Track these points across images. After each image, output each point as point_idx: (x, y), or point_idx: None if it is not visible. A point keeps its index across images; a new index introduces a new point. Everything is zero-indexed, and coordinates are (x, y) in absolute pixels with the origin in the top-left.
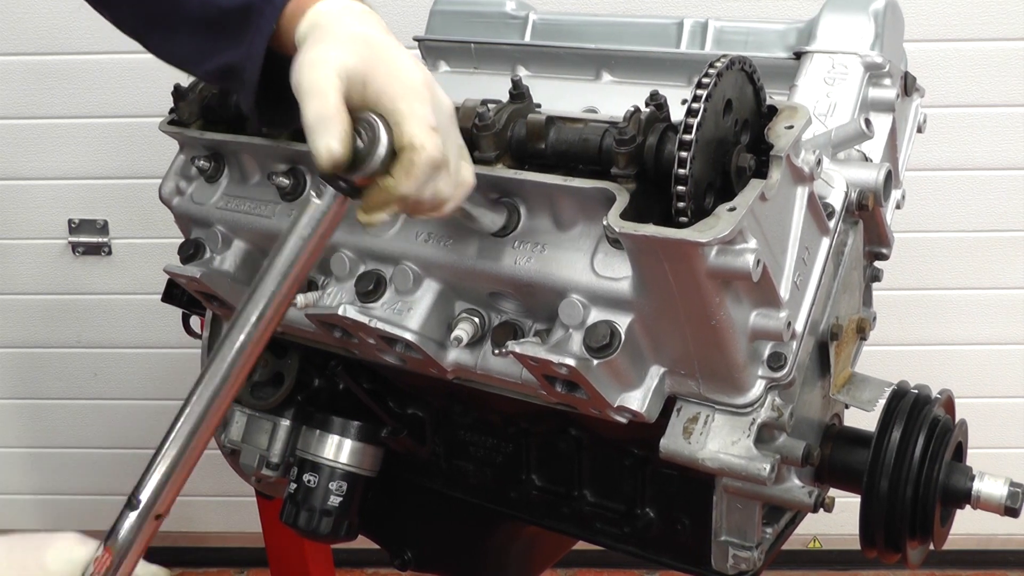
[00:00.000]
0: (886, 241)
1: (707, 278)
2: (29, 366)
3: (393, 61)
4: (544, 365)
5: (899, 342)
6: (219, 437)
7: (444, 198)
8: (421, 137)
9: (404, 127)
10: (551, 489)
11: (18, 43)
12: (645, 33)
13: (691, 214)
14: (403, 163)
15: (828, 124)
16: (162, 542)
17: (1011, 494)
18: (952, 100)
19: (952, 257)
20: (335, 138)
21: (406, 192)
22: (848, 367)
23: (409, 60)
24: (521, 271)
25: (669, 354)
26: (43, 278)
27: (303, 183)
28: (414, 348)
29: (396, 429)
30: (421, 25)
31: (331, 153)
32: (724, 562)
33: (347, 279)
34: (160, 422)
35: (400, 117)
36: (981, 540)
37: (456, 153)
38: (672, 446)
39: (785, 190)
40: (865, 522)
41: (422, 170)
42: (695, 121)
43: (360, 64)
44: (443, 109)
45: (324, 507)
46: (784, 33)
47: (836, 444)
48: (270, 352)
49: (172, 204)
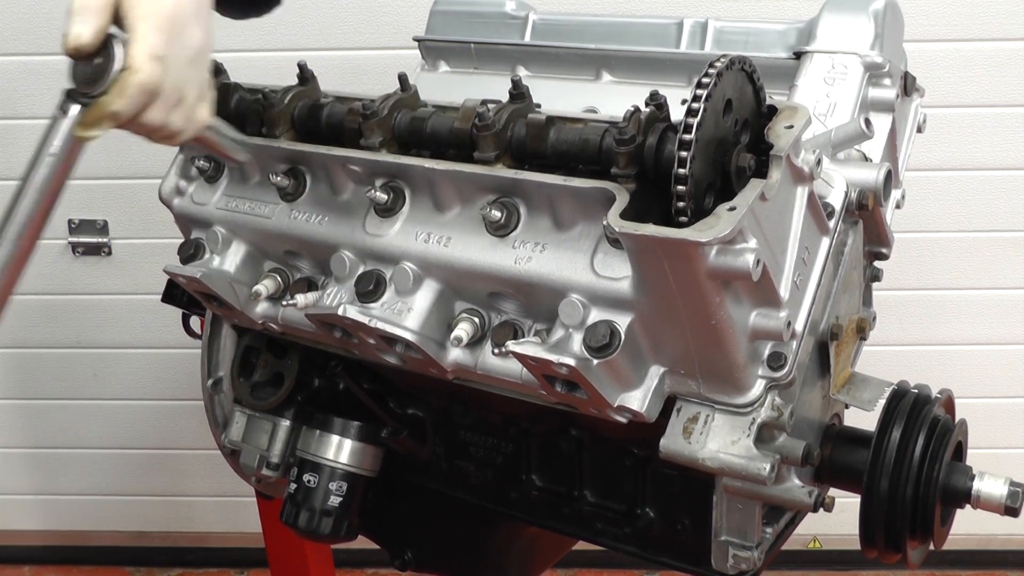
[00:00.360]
0: (886, 241)
1: (707, 278)
2: (29, 366)
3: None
4: (544, 365)
5: (899, 342)
6: (219, 437)
7: (175, 129)
8: (140, 61)
9: (129, 48)
10: (551, 489)
11: (18, 43)
12: (645, 33)
13: (691, 214)
14: (118, 82)
15: (828, 124)
16: (162, 542)
17: (1011, 494)
18: (952, 100)
19: (952, 257)
20: (88, 29)
21: (116, 110)
22: (848, 367)
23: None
24: (521, 271)
25: (669, 354)
26: (43, 278)
27: (303, 183)
28: (414, 348)
29: (396, 429)
30: (421, 25)
31: (78, 39)
32: (724, 562)
33: (347, 279)
34: (160, 423)
35: (131, 38)
36: (981, 540)
37: (195, 90)
38: (672, 446)
39: (785, 190)
40: (865, 522)
41: (131, 92)
42: (695, 121)
43: None
44: (187, 44)
45: (324, 507)
46: (784, 33)
47: (836, 444)
48: (270, 352)
49: (172, 204)
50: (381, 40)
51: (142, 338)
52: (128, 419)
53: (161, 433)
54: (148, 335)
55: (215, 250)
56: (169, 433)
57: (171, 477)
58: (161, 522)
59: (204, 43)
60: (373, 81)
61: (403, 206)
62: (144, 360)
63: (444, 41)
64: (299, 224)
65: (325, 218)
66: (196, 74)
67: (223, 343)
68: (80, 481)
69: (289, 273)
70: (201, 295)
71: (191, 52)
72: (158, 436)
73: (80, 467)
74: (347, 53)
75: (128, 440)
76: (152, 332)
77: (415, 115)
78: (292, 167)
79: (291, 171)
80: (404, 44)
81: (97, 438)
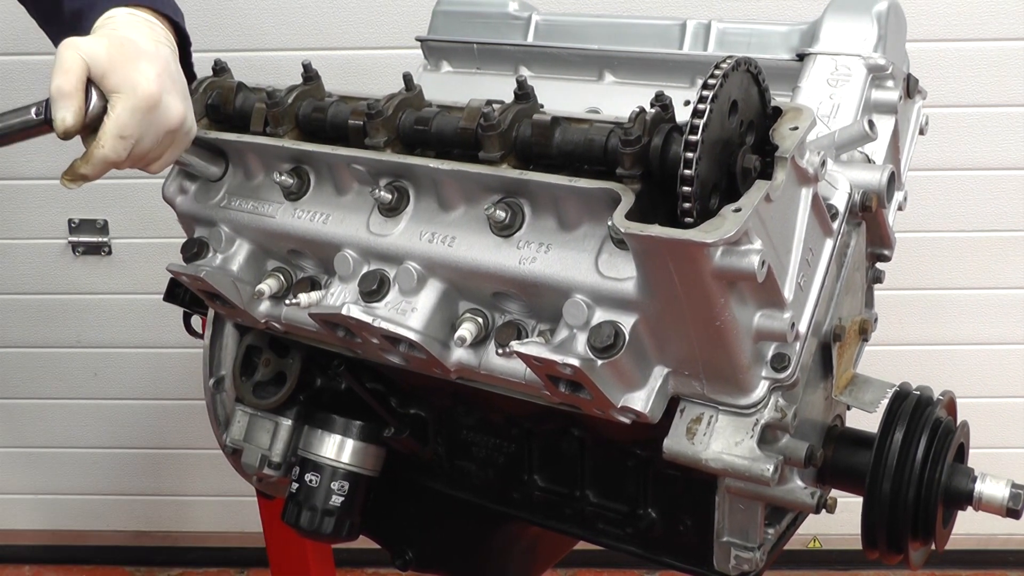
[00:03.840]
0: (888, 243)
1: (712, 279)
2: (29, 366)
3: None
4: (548, 365)
5: (899, 342)
6: (221, 437)
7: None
8: (107, 139)
9: (103, 122)
10: (554, 489)
11: (18, 43)
12: (648, 34)
13: (696, 215)
14: (87, 152)
15: (831, 126)
16: (162, 542)
17: (1013, 495)
18: (952, 100)
19: (952, 257)
20: (71, 113)
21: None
22: (850, 368)
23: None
24: (525, 271)
25: (673, 355)
26: (43, 278)
27: (307, 182)
28: (417, 348)
29: (399, 429)
30: (424, 25)
31: (64, 124)
32: (726, 563)
33: (351, 279)
34: (160, 422)
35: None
36: (981, 540)
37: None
38: (675, 447)
39: (790, 191)
40: (867, 523)
41: (96, 163)
42: (701, 122)
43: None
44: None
45: (326, 507)
46: (787, 35)
47: (838, 445)
48: (272, 352)
49: (175, 203)
50: (383, 40)
51: (142, 338)
52: (128, 419)
53: (161, 433)
54: (148, 335)
55: (218, 249)
56: (169, 433)
57: (171, 477)
58: (161, 522)
59: (181, 113)
60: (375, 81)
61: (407, 206)
62: (144, 360)
63: (447, 41)
64: (303, 223)
65: (329, 217)
66: (168, 137)
67: (225, 342)
68: (80, 481)
69: (292, 272)
70: (204, 294)
71: (168, 126)
72: (158, 436)
73: (80, 467)
74: (349, 53)
75: (128, 440)
76: (152, 332)
77: (420, 115)
78: (296, 166)
79: (295, 170)
80: (406, 44)
81: (97, 438)
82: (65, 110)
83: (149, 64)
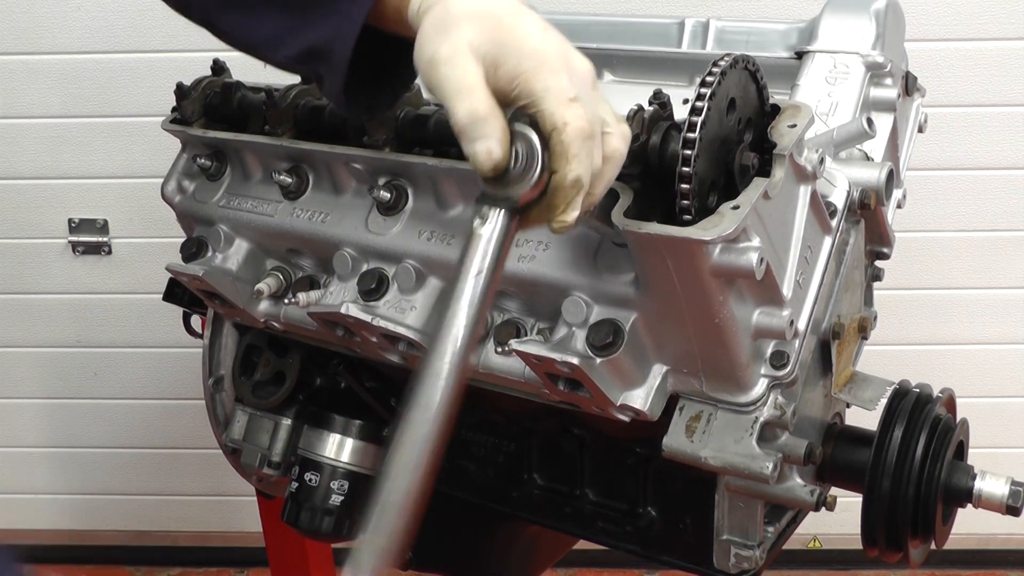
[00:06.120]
0: (887, 240)
1: (711, 276)
2: (28, 366)
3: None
4: (547, 363)
5: (899, 342)
6: (220, 436)
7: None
8: (561, 114)
9: (543, 106)
10: (553, 488)
11: (18, 43)
12: (646, 33)
13: (695, 212)
14: (555, 150)
15: (830, 123)
16: (162, 541)
17: (1012, 493)
18: (952, 100)
19: (952, 257)
20: (494, 139)
21: (577, 175)
22: (850, 366)
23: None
24: (524, 269)
25: (672, 352)
26: (43, 278)
27: (306, 181)
28: (417, 346)
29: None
30: None
31: (491, 156)
32: (726, 561)
33: (349, 277)
34: (160, 422)
35: (537, 98)
36: (981, 539)
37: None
38: (675, 444)
39: (788, 189)
40: (867, 521)
41: (576, 146)
42: (699, 120)
43: (489, 45)
44: (580, 73)
45: (326, 506)
46: (785, 33)
47: (838, 443)
48: (272, 351)
49: (174, 203)
50: None
51: (142, 338)
52: (128, 419)
53: (161, 433)
54: (148, 335)
55: (217, 248)
56: (169, 433)
57: (171, 477)
58: (161, 522)
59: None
60: None
61: (406, 204)
62: (144, 360)
63: None
64: (301, 222)
65: (327, 216)
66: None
67: (224, 341)
68: (80, 480)
69: (291, 271)
70: (203, 293)
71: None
72: (158, 436)
73: (80, 466)
74: None
75: (128, 440)
76: (152, 332)
77: (418, 113)
78: (295, 165)
79: (294, 169)
80: None
81: (97, 438)
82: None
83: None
